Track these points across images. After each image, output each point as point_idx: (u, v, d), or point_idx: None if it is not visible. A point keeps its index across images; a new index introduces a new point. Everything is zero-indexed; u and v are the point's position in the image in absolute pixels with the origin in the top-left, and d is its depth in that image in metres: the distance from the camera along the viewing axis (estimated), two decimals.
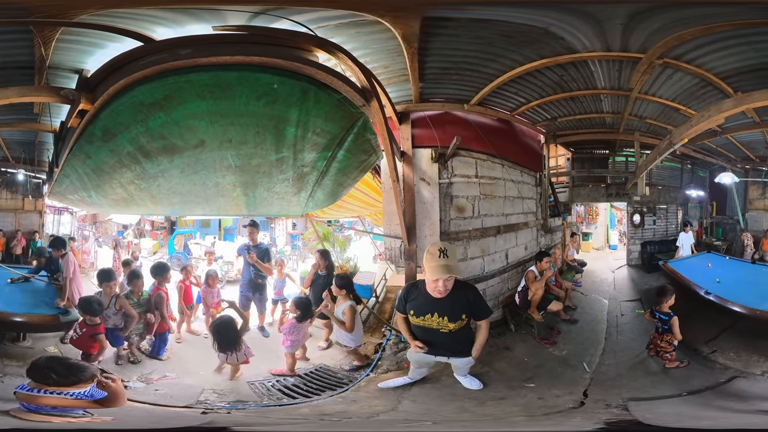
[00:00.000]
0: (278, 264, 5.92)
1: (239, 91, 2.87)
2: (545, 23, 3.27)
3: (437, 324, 3.20)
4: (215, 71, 2.79)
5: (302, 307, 4.27)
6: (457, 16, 3.20)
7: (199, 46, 2.87)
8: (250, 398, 3.65)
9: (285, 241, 10.74)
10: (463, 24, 3.28)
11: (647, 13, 3.08)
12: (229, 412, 3.33)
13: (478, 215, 4.94)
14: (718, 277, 5.04)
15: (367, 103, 3.25)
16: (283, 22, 3.09)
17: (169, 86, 2.80)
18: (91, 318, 3.89)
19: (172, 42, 2.97)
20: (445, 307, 3.16)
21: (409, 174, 4.66)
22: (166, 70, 2.78)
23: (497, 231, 5.18)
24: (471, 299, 3.24)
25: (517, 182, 5.58)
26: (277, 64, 2.85)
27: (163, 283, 4.66)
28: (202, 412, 3.26)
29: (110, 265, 6.58)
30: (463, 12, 3.17)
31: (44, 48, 3.34)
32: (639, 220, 6.47)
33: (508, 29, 3.33)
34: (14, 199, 6.50)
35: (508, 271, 5.40)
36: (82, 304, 3.98)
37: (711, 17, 3.19)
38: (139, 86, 2.82)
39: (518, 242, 5.61)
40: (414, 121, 4.67)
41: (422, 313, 3.22)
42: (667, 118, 5.39)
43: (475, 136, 4.88)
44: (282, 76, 2.87)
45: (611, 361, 4.20)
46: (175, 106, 2.90)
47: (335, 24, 3.19)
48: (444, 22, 3.23)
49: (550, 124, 5.64)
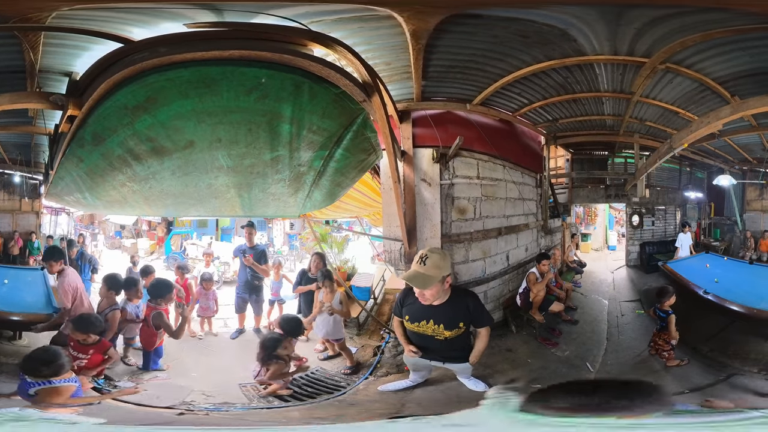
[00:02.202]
0: (276, 266, 5.89)
1: (225, 86, 2.78)
2: (566, 24, 3.27)
3: (432, 331, 3.13)
4: (195, 67, 2.71)
5: (286, 326, 3.96)
6: (485, 13, 3.17)
7: (177, 43, 2.80)
8: (240, 400, 3.59)
9: (282, 242, 10.68)
10: (485, 21, 3.26)
11: (665, 19, 3.10)
12: (207, 413, 3.27)
13: (479, 217, 4.92)
14: (716, 277, 5.08)
15: (368, 99, 3.14)
16: (273, 19, 3.01)
17: (150, 87, 2.75)
18: (89, 336, 3.46)
19: (151, 41, 2.92)
20: (441, 314, 3.08)
21: (410, 174, 4.61)
22: (144, 69, 2.72)
23: (498, 233, 5.17)
24: (470, 307, 3.15)
25: (518, 183, 5.58)
26: (262, 57, 2.74)
27: (162, 304, 4.14)
28: (179, 413, 3.22)
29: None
30: (492, 10, 3.15)
31: (32, 52, 3.35)
32: (638, 221, 6.49)
33: (525, 28, 3.33)
34: (11, 200, 6.47)
35: (509, 272, 5.39)
36: (77, 321, 3.50)
37: (711, 23, 3.24)
38: (121, 89, 2.78)
39: (519, 244, 5.61)
40: (415, 120, 4.62)
41: (417, 319, 3.15)
42: (667, 121, 5.44)
43: (477, 136, 4.86)
44: (270, 69, 2.76)
45: (614, 360, 4.23)
46: (159, 107, 2.85)
47: (334, 19, 3.11)
48: (467, 19, 3.19)
49: (551, 125, 5.65)
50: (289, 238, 10.64)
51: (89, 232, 8.48)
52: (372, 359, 4.43)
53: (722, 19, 3.16)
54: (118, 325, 4.00)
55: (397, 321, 3.41)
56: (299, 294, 5.20)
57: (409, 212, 4.56)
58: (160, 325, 4.07)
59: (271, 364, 3.69)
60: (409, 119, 4.61)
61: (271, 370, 3.68)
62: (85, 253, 6.21)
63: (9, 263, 6.16)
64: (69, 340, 3.50)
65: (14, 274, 5.37)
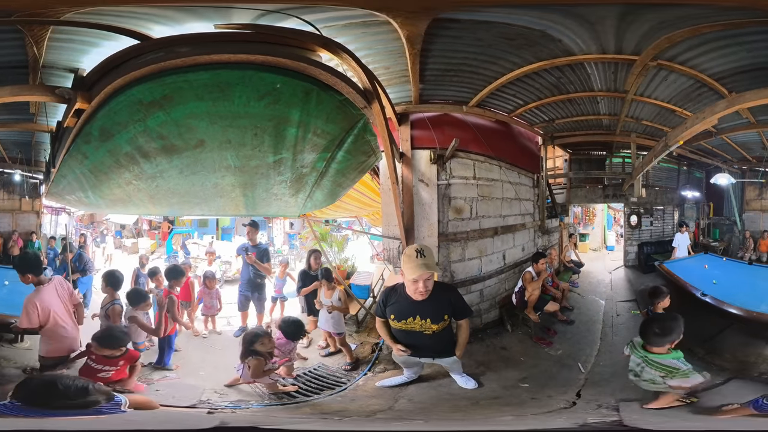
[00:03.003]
0: (282, 265, 5.95)
1: (239, 92, 2.81)
2: (542, 25, 3.30)
3: (420, 326, 3.21)
4: (216, 70, 2.73)
5: (286, 328, 4.00)
6: (466, 18, 3.22)
7: (198, 44, 2.82)
8: (251, 398, 3.66)
9: (283, 241, 10.75)
10: (467, 26, 3.30)
11: (635, 14, 3.10)
12: (233, 411, 3.33)
13: (476, 216, 4.96)
14: (715, 279, 5.07)
15: (369, 105, 3.24)
16: (290, 21, 3.06)
17: (168, 85, 2.76)
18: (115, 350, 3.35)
19: (169, 40, 2.94)
20: (427, 309, 3.18)
21: (408, 175, 4.67)
22: (164, 69, 2.73)
23: (495, 232, 5.20)
24: (452, 299, 3.27)
25: (515, 184, 5.60)
26: (282, 64, 2.82)
27: (176, 286, 4.58)
28: (208, 411, 3.25)
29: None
30: (472, 14, 3.18)
31: (36, 47, 3.30)
32: (636, 221, 6.50)
33: (509, 31, 3.36)
34: (11, 199, 6.48)
35: (506, 271, 5.42)
36: (104, 337, 3.36)
37: (697, 18, 3.22)
38: (137, 85, 2.76)
39: (515, 243, 5.64)
40: (413, 122, 4.68)
41: (404, 316, 3.22)
42: (663, 120, 5.42)
43: (473, 137, 4.90)
44: (286, 76, 2.83)
45: (606, 361, 4.21)
46: (175, 105, 2.85)
47: (343, 24, 3.18)
48: (449, 23, 3.23)
49: (548, 125, 5.67)
50: (289, 238, 10.70)
51: (97, 232, 8.49)
52: (371, 356, 4.51)
53: (703, 14, 3.13)
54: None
55: (380, 322, 3.46)
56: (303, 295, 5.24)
57: (407, 212, 4.62)
58: (170, 309, 4.23)
59: (251, 360, 3.64)
60: (407, 121, 4.67)
61: (252, 366, 3.62)
62: (83, 255, 6.12)
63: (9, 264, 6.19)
64: (89, 354, 3.35)
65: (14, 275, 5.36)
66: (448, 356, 3.41)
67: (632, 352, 3.19)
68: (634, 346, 3.20)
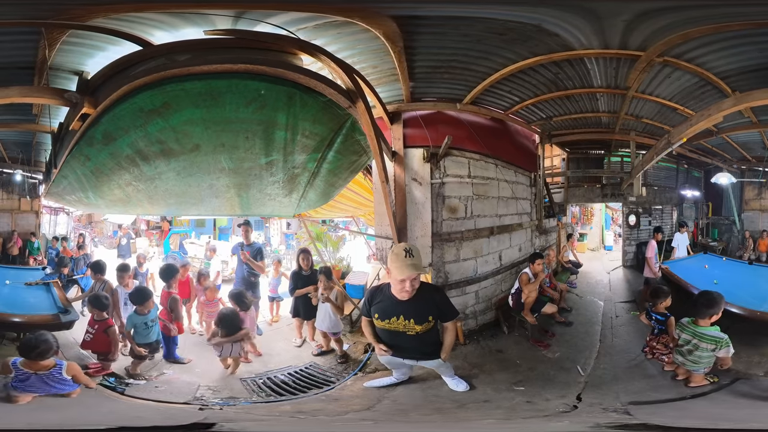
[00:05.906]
0: (275, 263, 5.94)
1: (229, 99, 2.97)
2: (536, 20, 3.20)
3: (403, 327, 3.16)
4: (207, 80, 2.91)
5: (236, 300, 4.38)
6: (429, 14, 3.13)
7: (194, 51, 2.96)
8: (242, 395, 3.70)
9: (279, 241, 10.74)
10: (444, 22, 3.21)
11: (655, 13, 3.01)
12: (221, 408, 3.38)
13: (470, 216, 4.89)
14: (716, 279, 4.99)
15: (353, 105, 3.24)
16: (263, 26, 3.07)
17: (167, 94, 2.91)
18: (100, 313, 3.89)
19: (168, 47, 3.06)
20: (411, 309, 3.12)
21: (401, 174, 4.62)
22: (164, 78, 2.88)
23: (490, 232, 5.13)
24: (437, 301, 3.20)
25: (511, 182, 5.53)
26: (262, 71, 2.93)
27: (173, 285, 4.68)
28: (200, 408, 3.33)
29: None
30: (434, 10, 3.09)
31: (48, 49, 3.34)
32: (635, 221, 6.42)
33: (496, 26, 3.26)
34: (11, 199, 6.50)
35: (502, 272, 5.35)
36: (92, 300, 3.96)
37: (719, 17, 3.12)
38: (139, 93, 2.91)
39: (512, 243, 5.56)
40: (406, 121, 4.62)
41: (387, 316, 3.17)
42: (664, 118, 5.35)
43: (467, 135, 4.83)
44: (269, 82, 2.96)
45: (607, 364, 4.13)
46: (173, 113, 3.01)
47: (313, 26, 3.15)
48: (421, 20, 3.16)
49: (545, 123, 5.59)
50: (285, 238, 10.69)
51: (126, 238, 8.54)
52: (362, 356, 4.46)
53: (727, 14, 3.03)
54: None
55: (365, 321, 3.42)
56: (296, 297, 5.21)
57: (399, 211, 4.55)
58: (173, 308, 4.42)
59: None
60: (400, 120, 4.61)
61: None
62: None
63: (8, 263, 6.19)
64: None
65: (15, 274, 5.36)
66: (432, 358, 3.35)
67: (683, 331, 3.52)
68: (683, 326, 3.53)
